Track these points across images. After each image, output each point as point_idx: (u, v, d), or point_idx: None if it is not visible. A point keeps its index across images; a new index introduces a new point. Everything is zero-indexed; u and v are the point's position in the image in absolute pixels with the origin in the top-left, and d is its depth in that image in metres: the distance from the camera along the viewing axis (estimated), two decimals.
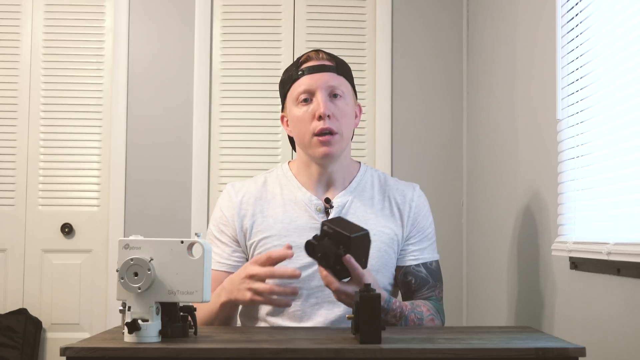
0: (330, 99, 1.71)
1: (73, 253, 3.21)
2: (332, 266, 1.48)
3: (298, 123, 1.73)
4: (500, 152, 2.53)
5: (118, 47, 3.21)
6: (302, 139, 1.74)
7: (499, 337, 1.43)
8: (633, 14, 1.45)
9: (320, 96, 1.70)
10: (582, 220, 1.71)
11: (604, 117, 1.59)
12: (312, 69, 1.72)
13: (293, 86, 1.74)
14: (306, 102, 1.72)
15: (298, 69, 1.74)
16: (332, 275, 1.49)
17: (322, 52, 1.77)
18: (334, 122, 1.70)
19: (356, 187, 1.79)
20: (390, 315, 1.60)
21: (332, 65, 1.74)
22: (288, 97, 1.77)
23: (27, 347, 3.03)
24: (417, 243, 1.77)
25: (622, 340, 1.47)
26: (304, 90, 1.72)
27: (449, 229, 3.14)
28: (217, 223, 1.79)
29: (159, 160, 3.21)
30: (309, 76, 1.72)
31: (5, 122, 3.21)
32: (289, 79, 1.76)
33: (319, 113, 1.69)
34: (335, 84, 1.72)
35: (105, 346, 1.29)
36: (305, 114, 1.71)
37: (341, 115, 1.72)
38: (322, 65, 1.73)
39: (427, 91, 3.24)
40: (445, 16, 3.25)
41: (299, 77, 1.73)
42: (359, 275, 1.48)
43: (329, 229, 1.48)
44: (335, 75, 1.73)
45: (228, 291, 1.61)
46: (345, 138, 1.74)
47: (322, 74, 1.72)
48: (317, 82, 1.71)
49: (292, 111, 1.75)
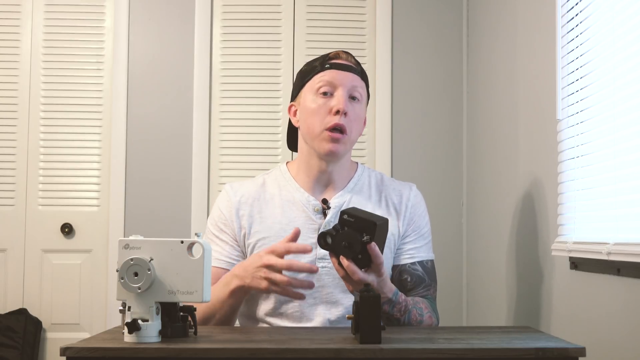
0: (350, 100, 1.73)
1: (73, 253, 3.21)
2: (355, 255, 1.47)
3: (312, 114, 1.73)
4: (500, 152, 2.53)
5: (118, 47, 3.21)
6: (311, 131, 1.73)
7: (499, 337, 1.43)
8: (633, 14, 1.45)
9: (342, 93, 1.72)
10: (582, 220, 1.71)
11: (604, 117, 1.59)
12: (339, 66, 1.74)
13: (316, 76, 1.75)
14: (325, 95, 1.73)
15: (324, 62, 1.75)
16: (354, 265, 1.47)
17: (352, 56, 1.79)
18: (348, 122, 1.71)
19: (353, 187, 1.79)
20: (396, 309, 1.60)
21: (358, 69, 1.77)
22: (306, 87, 1.76)
23: (27, 347, 3.03)
24: (413, 242, 1.77)
25: (622, 340, 1.47)
26: (327, 82, 1.73)
27: (449, 229, 3.14)
28: (216, 222, 1.79)
29: (159, 160, 3.21)
30: (334, 71, 1.73)
31: (5, 122, 3.21)
32: (312, 70, 1.77)
33: (338, 108, 1.70)
34: (357, 85, 1.75)
35: (105, 346, 1.29)
36: (322, 106, 1.72)
37: (355, 117, 1.73)
38: (349, 65, 1.75)
39: (427, 91, 3.24)
40: (445, 16, 3.25)
41: (324, 70, 1.74)
42: (380, 265, 1.48)
43: (349, 218, 1.47)
44: (359, 79, 1.76)
45: (240, 278, 1.60)
46: (352, 141, 1.75)
47: (348, 73, 1.74)
48: (342, 78, 1.73)
49: (307, 101, 1.75)
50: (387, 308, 1.58)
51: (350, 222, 1.47)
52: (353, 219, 1.47)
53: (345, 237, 1.46)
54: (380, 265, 1.48)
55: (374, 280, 1.49)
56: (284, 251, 1.55)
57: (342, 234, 1.47)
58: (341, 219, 1.48)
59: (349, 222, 1.47)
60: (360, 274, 1.47)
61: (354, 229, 1.46)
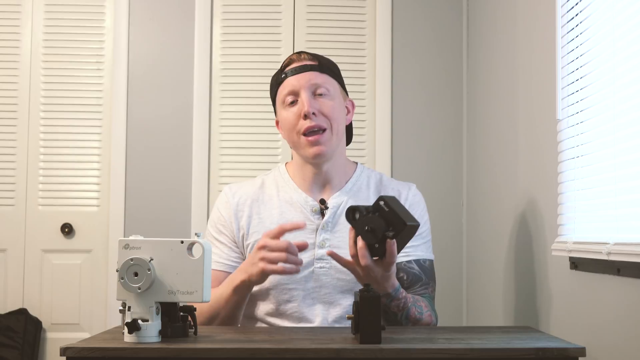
0: (315, 97, 1.73)
1: (73, 253, 3.21)
2: (373, 242, 1.46)
3: (286, 124, 1.75)
4: (500, 152, 2.53)
5: (118, 47, 3.21)
6: (292, 140, 1.76)
7: (499, 337, 1.43)
8: (633, 14, 1.45)
9: (304, 95, 1.72)
10: (582, 220, 1.70)
11: (604, 117, 1.59)
12: (294, 70, 1.74)
13: (279, 90, 1.77)
14: (292, 103, 1.74)
15: (282, 71, 1.77)
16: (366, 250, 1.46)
17: (305, 53, 1.79)
18: (321, 119, 1.71)
19: (352, 187, 1.79)
20: (393, 304, 1.60)
21: (315, 64, 1.75)
22: (277, 101, 1.79)
23: (27, 347, 3.03)
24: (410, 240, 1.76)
25: (622, 340, 1.47)
26: (288, 92, 1.74)
27: (449, 229, 3.14)
28: (215, 224, 1.80)
29: (159, 160, 3.21)
30: (292, 77, 1.74)
31: (5, 122, 3.21)
32: (275, 83, 1.79)
33: (304, 112, 1.70)
34: (318, 81, 1.73)
35: (105, 346, 1.29)
36: (292, 115, 1.73)
37: (328, 111, 1.72)
38: (304, 65, 1.75)
39: (427, 91, 3.24)
40: (445, 16, 3.25)
41: (283, 80, 1.75)
42: (391, 263, 1.48)
43: (385, 206, 1.45)
44: (318, 74, 1.75)
45: (243, 270, 1.60)
46: (335, 134, 1.74)
47: (305, 74, 1.74)
48: (299, 81, 1.73)
49: (281, 114, 1.77)
50: (385, 301, 1.58)
51: (383, 210, 1.45)
52: (388, 209, 1.45)
53: (372, 222, 1.45)
54: (391, 264, 1.48)
55: (379, 272, 1.49)
56: (278, 231, 1.55)
57: (370, 218, 1.45)
58: (377, 203, 1.46)
59: (382, 210, 1.45)
60: (369, 260, 1.47)
61: (384, 219, 1.45)
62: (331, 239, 1.72)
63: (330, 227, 1.73)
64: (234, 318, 1.67)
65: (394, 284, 1.58)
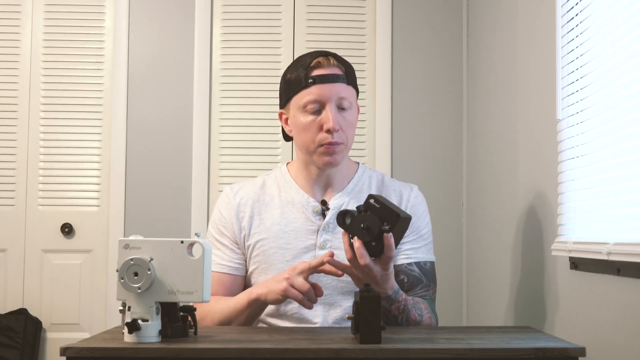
0: (339, 111, 1.69)
1: (73, 253, 3.21)
2: (370, 240, 1.46)
3: (304, 131, 1.70)
4: (500, 152, 2.53)
5: (118, 47, 3.21)
6: (306, 146, 1.72)
7: (499, 337, 1.43)
8: (633, 14, 1.45)
9: (331, 109, 1.67)
10: (582, 220, 1.70)
11: (604, 117, 1.59)
12: (323, 79, 1.68)
13: (301, 93, 1.69)
14: (315, 112, 1.69)
15: (307, 75, 1.69)
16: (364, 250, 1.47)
17: (332, 57, 1.72)
18: (341, 134, 1.69)
19: (353, 188, 1.79)
20: (394, 307, 1.59)
21: (343, 75, 1.70)
22: (293, 101, 1.72)
23: (27, 347, 3.03)
24: (411, 242, 1.76)
25: (622, 340, 1.47)
26: (314, 101, 1.68)
27: (449, 229, 3.14)
28: (217, 225, 1.79)
29: (159, 160, 3.21)
30: (319, 86, 1.67)
31: (5, 122, 3.21)
32: (297, 85, 1.70)
33: (328, 127, 1.66)
34: (344, 95, 1.69)
35: (105, 346, 1.29)
36: (313, 123, 1.69)
37: (348, 126, 1.70)
38: (333, 75, 1.68)
39: (427, 91, 3.24)
40: (445, 16, 3.25)
41: (308, 86, 1.68)
42: (390, 258, 1.48)
43: (375, 203, 1.46)
44: (345, 86, 1.70)
45: (263, 286, 1.60)
46: (348, 147, 1.73)
47: (333, 85, 1.68)
48: (328, 93, 1.67)
49: (297, 117, 1.71)
50: (385, 304, 1.58)
51: (375, 207, 1.46)
52: (379, 205, 1.46)
53: (366, 220, 1.46)
54: (389, 259, 1.48)
55: (378, 271, 1.49)
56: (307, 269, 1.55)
57: (364, 216, 1.46)
58: (367, 202, 1.47)
59: (374, 208, 1.46)
60: (367, 259, 1.47)
61: (377, 216, 1.46)
62: (332, 240, 1.72)
63: (331, 228, 1.73)
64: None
65: (394, 286, 1.58)
